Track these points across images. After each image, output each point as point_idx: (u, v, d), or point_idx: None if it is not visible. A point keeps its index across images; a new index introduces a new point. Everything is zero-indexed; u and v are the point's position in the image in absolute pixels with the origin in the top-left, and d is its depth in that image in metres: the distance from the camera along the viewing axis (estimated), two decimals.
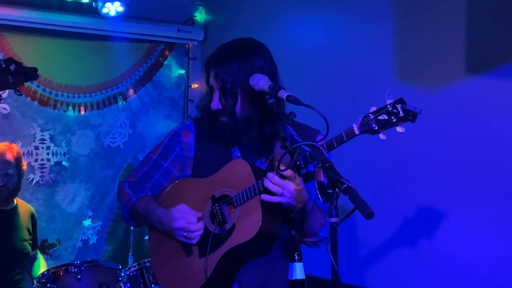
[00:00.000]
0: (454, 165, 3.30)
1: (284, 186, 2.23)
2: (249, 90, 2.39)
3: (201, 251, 2.47)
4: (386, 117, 2.07)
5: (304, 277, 2.00)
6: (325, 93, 3.88)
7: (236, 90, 2.43)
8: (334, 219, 1.86)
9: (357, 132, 2.12)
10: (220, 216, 2.44)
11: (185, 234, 2.45)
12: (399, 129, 2.08)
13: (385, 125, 2.08)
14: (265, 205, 2.32)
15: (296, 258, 1.99)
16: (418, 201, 3.47)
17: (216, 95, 2.47)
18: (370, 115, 2.09)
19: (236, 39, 2.56)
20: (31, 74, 1.89)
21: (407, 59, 3.50)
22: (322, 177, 2.46)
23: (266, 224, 2.33)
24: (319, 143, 2.08)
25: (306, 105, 2.12)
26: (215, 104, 2.46)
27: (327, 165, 1.93)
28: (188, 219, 2.45)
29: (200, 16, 5.33)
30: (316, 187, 1.91)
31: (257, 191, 2.33)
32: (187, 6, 5.29)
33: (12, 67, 1.85)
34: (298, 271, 1.99)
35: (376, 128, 2.08)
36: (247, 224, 2.36)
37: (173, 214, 2.47)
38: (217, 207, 2.46)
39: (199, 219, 2.46)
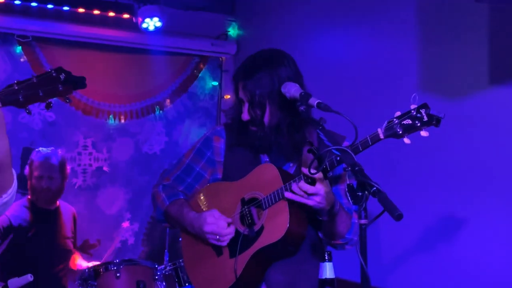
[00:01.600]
0: (476, 172, 3.22)
1: (312, 190, 2.20)
2: (277, 99, 2.36)
3: (231, 251, 2.44)
4: (410, 122, 2.03)
5: (334, 277, 1.94)
6: (351, 103, 3.81)
7: (264, 101, 2.39)
8: (363, 221, 1.82)
9: (382, 136, 2.08)
10: (249, 218, 2.42)
11: (217, 237, 2.43)
12: (423, 133, 2.03)
13: (409, 129, 2.03)
14: (292, 207, 2.29)
15: (326, 258, 1.94)
16: (440, 206, 3.40)
17: (245, 106, 2.44)
18: (395, 119, 2.05)
19: (262, 51, 2.52)
20: (80, 82, 1.87)
21: (430, 70, 3.43)
22: (347, 180, 2.43)
23: (293, 226, 2.30)
24: (348, 148, 2.03)
25: (336, 112, 2.09)
26: (245, 115, 2.43)
27: (356, 168, 1.89)
28: (218, 224, 2.42)
29: (233, 31, 5.31)
30: (346, 189, 1.87)
31: (284, 194, 2.29)
32: (221, 22, 5.28)
33: (62, 76, 1.83)
34: (328, 271, 1.94)
35: (400, 132, 2.04)
36: (275, 226, 2.33)
37: (204, 219, 2.45)
38: (246, 209, 2.43)
39: (229, 224, 2.44)
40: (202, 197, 2.62)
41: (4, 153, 1.87)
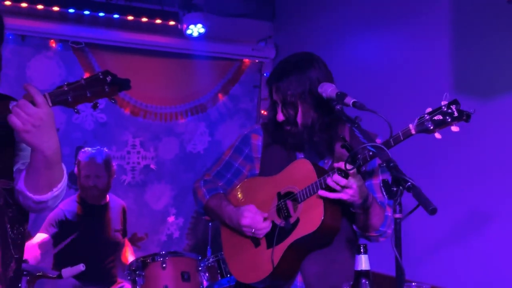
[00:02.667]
0: (508, 168, 3.17)
1: (345, 183, 2.20)
2: (308, 99, 2.37)
3: (268, 242, 2.45)
4: (441, 117, 2.02)
5: (369, 268, 1.92)
6: (385, 104, 3.77)
7: (296, 101, 2.39)
8: (398, 215, 1.81)
9: (413, 131, 2.07)
10: (285, 211, 2.43)
11: (253, 231, 2.45)
12: (454, 128, 2.03)
13: (440, 125, 2.03)
14: (327, 200, 2.29)
15: (361, 251, 1.92)
16: (471, 200, 3.35)
17: (279, 108, 2.44)
18: (426, 115, 2.05)
19: (292, 55, 2.53)
20: (125, 84, 1.89)
21: (463, 72, 3.38)
22: (380, 175, 2.41)
23: (328, 218, 2.30)
24: (382, 145, 2.02)
25: (371, 110, 2.09)
26: (280, 116, 2.44)
27: (391, 164, 1.88)
28: (255, 219, 2.44)
29: (272, 36, 5.31)
30: (381, 184, 1.86)
31: (319, 187, 2.30)
32: (261, 28, 5.28)
33: (108, 78, 1.86)
34: (364, 263, 1.92)
35: (431, 127, 2.03)
36: (310, 218, 2.33)
37: (242, 213, 2.46)
38: (282, 203, 2.44)
39: (265, 219, 2.45)
40: (240, 191, 2.63)
41: (54, 150, 1.90)
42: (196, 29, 4.72)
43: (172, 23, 4.80)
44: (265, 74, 5.33)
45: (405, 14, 3.79)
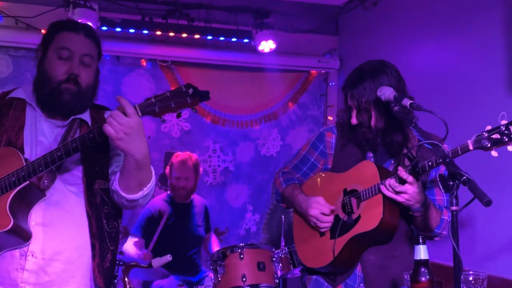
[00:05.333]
0: None
1: (400, 189, 2.16)
2: (381, 104, 2.29)
3: (332, 234, 2.42)
4: (499, 136, 1.92)
5: (428, 258, 1.85)
6: (445, 107, 3.64)
7: (370, 107, 2.34)
8: (454, 207, 1.74)
9: (471, 147, 1.99)
10: (349, 207, 2.39)
11: (317, 222, 2.42)
12: (510, 148, 1.93)
13: (497, 143, 1.93)
14: (386, 201, 2.24)
15: (420, 241, 1.85)
16: None
17: (354, 113, 2.39)
18: (484, 133, 1.95)
19: (367, 62, 2.45)
20: (204, 95, 1.91)
21: None
22: (440, 185, 2.33)
23: (386, 217, 2.25)
24: (439, 142, 1.94)
25: (427, 110, 2.03)
26: (354, 120, 2.40)
27: (447, 160, 1.80)
28: (322, 210, 2.41)
29: (336, 49, 5.24)
30: (438, 179, 1.79)
31: (380, 189, 2.25)
32: (326, 42, 5.22)
33: (190, 91, 1.88)
34: (423, 252, 1.84)
35: (488, 145, 1.94)
36: (370, 216, 2.29)
37: (311, 203, 2.44)
38: (347, 199, 2.41)
39: (332, 211, 2.41)
40: (312, 183, 2.62)
41: (144, 154, 1.94)
42: (267, 45, 4.72)
43: (246, 40, 4.82)
44: (330, 84, 5.25)
45: (459, 22, 3.64)
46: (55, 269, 2.03)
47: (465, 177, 1.70)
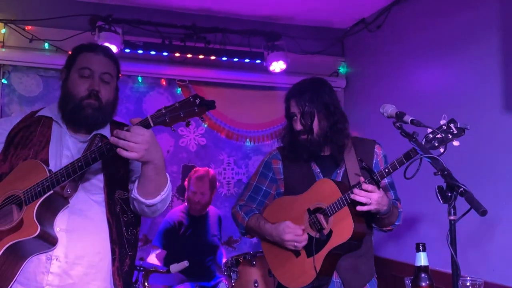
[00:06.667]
0: None
1: (369, 196, 2.20)
2: (323, 110, 2.41)
3: (307, 252, 2.41)
4: (443, 135, 2.01)
5: (428, 264, 1.83)
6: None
7: (313, 110, 2.41)
8: (452, 217, 1.74)
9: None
10: (318, 224, 2.39)
11: (295, 244, 2.40)
12: (455, 143, 2.03)
13: (443, 142, 2.02)
14: (353, 212, 2.27)
15: (420, 249, 1.83)
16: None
17: (297, 118, 2.45)
18: (429, 135, 2.06)
19: (309, 78, 2.62)
20: (210, 105, 1.93)
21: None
22: (385, 178, 2.37)
23: (357, 226, 2.28)
24: (437, 156, 1.92)
25: (426, 126, 2.02)
26: (298, 126, 2.45)
27: (445, 172, 1.79)
28: (295, 232, 2.40)
29: (342, 69, 5.24)
30: (437, 190, 1.77)
31: (345, 202, 2.29)
32: (333, 62, 5.23)
33: (197, 101, 1.91)
34: (423, 259, 1.83)
35: (436, 145, 2.04)
36: (342, 229, 2.30)
37: (283, 229, 2.42)
38: (314, 217, 2.40)
39: (303, 231, 2.41)
40: (273, 209, 2.59)
41: (160, 158, 1.96)
42: (278, 66, 4.74)
43: (258, 61, 4.85)
44: None
45: (459, 44, 3.63)
46: (77, 272, 2.05)
47: (462, 189, 1.70)
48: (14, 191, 2.01)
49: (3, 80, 4.41)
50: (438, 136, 2.01)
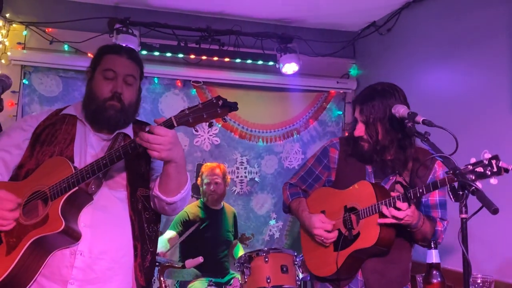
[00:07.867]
0: None
1: (396, 215, 2.20)
2: (387, 123, 2.31)
3: (335, 246, 2.43)
4: (482, 170, 1.85)
5: (439, 261, 1.84)
6: (453, 125, 3.61)
7: (376, 123, 2.34)
8: (464, 215, 1.74)
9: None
10: (349, 223, 2.40)
11: (322, 239, 2.44)
12: (492, 181, 1.86)
13: (480, 177, 1.85)
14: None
15: (432, 246, 1.84)
16: None
17: (359, 125, 2.40)
18: (469, 166, 1.89)
19: (379, 83, 2.46)
20: (233, 106, 1.93)
21: None
22: (436, 194, 2.36)
23: (383, 235, 2.28)
24: (448, 155, 1.93)
25: (438, 126, 2.02)
26: (358, 132, 2.40)
27: (457, 172, 1.79)
28: (325, 228, 2.43)
29: (353, 71, 5.25)
30: (448, 189, 1.78)
31: (377, 210, 2.28)
32: (344, 64, 5.24)
33: (220, 102, 1.91)
34: (435, 256, 1.84)
35: (473, 178, 1.84)
36: (368, 234, 2.31)
37: (314, 222, 2.46)
38: (347, 215, 2.42)
39: (334, 226, 2.43)
40: (315, 198, 2.63)
41: (182, 156, 1.98)
42: (290, 67, 4.76)
43: (271, 63, 4.87)
44: (348, 103, 5.26)
45: (468, 48, 3.63)
46: (100, 267, 2.07)
47: (473, 187, 1.70)
48: (40, 187, 2.03)
49: (24, 81, 4.47)
50: (478, 170, 1.85)
